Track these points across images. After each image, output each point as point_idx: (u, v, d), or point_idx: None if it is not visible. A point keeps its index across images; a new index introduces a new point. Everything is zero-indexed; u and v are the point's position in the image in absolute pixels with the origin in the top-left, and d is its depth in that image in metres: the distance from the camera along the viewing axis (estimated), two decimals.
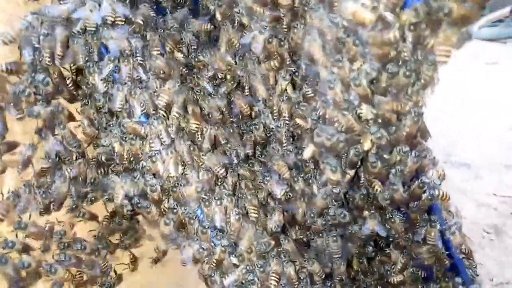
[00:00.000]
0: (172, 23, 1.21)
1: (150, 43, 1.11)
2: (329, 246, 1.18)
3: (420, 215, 1.16)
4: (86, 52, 1.07)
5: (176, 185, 1.10)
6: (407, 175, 1.08)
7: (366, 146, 1.05)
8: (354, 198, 1.19)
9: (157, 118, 1.08)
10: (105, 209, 1.26)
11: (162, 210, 1.12)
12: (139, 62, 1.09)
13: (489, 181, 3.09)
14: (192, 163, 1.10)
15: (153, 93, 1.10)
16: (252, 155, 1.25)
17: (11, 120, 1.11)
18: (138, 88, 1.08)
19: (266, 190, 1.20)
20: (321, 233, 1.21)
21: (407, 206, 1.15)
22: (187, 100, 1.15)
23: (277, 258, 1.09)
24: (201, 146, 1.13)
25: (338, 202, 1.17)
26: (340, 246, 1.18)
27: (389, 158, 1.07)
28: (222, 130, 1.17)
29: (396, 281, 1.26)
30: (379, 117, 1.00)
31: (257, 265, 1.10)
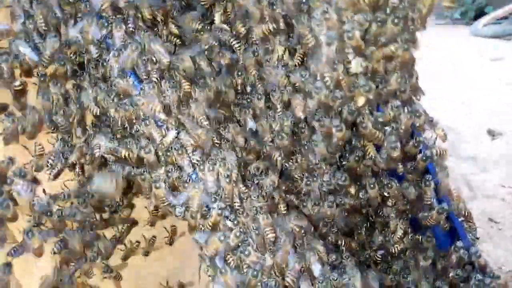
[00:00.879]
0: None
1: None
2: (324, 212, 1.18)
3: (417, 177, 1.16)
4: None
5: (170, 149, 1.10)
6: (403, 133, 1.07)
7: (360, 102, 1.05)
8: (348, 161, 1.18)
9: (149, 82, 1.09)
10: None
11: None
12: (131, 30, 1.10)
13: (496, 173, 3.09)
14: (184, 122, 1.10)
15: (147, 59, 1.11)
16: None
17: None
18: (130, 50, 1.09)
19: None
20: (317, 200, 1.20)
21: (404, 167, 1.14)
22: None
23: (265, 214, 1.09)
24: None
25: (333, 165, 1.17)
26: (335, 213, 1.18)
27: (381, 115, 1.06)
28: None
29: (397, 250, 1.25)
30: (369, 70, 1.00)
31: (252, 227, 1.09)
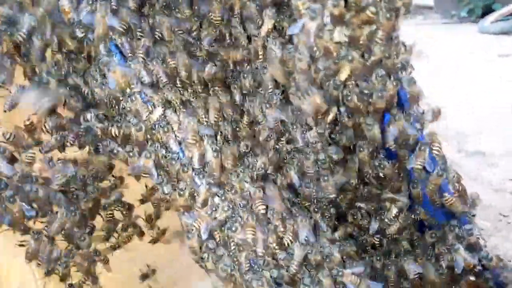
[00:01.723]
0: None
1: None
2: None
3: (408, 152, 1.14)
4: None
5: (155, 126, 1.10)
6: (389, 100, 1.05)
7: (343, 75, 1.03)
8: (341, 139, 1.17)
9: (133, 59, 1.09)
10: None
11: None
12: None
13: (504, 168, 3.06)
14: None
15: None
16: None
17: None
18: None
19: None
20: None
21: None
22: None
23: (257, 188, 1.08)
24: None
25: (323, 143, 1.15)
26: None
27: (367, 87, 1.05)
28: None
29: (392, 230, 1.23)
30: (351, 39, 0.98)
31: (239, 204, 1.08)
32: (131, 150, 1.12)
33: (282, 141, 1.20)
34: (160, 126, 1.10)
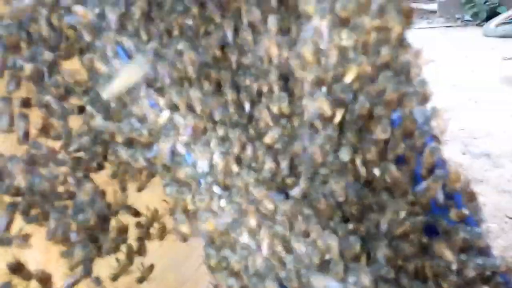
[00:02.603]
0: None
1: None
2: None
3: (416, 155, 1.13)
4: None
5: (161, 129, 1.09)
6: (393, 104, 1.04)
7: (349, 77, 1.03)
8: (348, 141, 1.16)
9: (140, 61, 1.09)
10: None
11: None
12: None
13: (510, 169, 3.06)
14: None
15: None
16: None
17: None
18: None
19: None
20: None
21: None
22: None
23: (261, 187, 1.07)
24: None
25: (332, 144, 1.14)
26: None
27: (372, 88, 1.04)
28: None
29: (400, 232, 1.22)
30: (359, 43, 0.98)
31: (245, 207, 1.07)
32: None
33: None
34: (167, 129, 1.10)
